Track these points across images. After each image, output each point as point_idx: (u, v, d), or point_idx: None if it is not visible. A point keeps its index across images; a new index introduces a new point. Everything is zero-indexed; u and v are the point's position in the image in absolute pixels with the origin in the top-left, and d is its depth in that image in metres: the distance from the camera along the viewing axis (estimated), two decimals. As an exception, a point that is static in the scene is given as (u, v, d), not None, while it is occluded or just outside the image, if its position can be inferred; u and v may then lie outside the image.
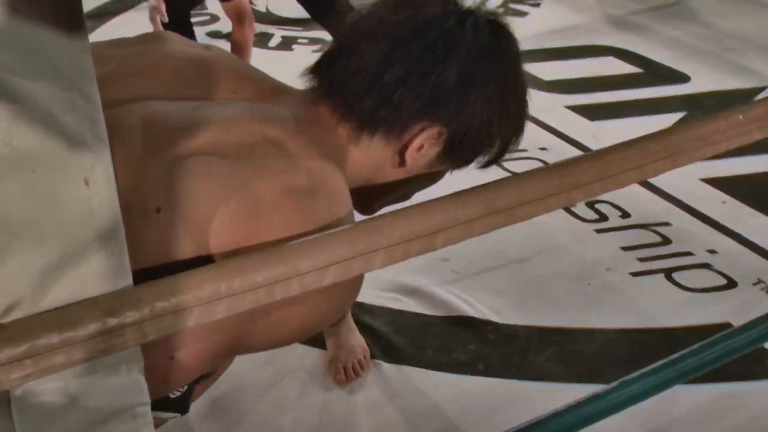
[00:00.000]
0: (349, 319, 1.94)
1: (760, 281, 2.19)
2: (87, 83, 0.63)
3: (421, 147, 1.09)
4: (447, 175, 1.23)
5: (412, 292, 2.15)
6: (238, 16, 3.15)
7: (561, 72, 3.53)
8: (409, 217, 0.77)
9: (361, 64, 1.06)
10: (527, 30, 4.01)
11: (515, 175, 0.85)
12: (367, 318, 2.04)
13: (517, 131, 1.16)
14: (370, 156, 1.10)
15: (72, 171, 0.65)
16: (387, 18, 1.09)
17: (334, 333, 1.91)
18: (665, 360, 1.30)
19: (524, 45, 1.17)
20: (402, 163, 1.10)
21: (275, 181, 0.93)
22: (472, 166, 1.19)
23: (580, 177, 0.84)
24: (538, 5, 4.31)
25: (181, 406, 1.10)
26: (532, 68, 3.53)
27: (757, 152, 2.83)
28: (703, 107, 3.22)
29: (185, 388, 1.08)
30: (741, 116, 0.95)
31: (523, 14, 4.21)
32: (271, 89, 1.14)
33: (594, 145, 2.91)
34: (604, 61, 3.66)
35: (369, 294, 2.13)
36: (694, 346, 1.32)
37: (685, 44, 3.82)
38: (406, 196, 1.22)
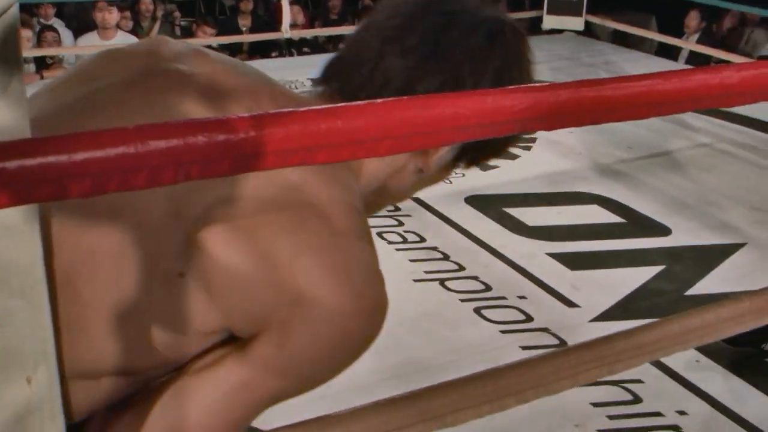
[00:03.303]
0: None
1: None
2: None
3: (441, 152, 1.04)
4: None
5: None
6: None
7: (545, 218, 3.60)
8: (337, 422, 0.80)
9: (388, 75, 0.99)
10: (516, 174, 4.12)
11: (446, 382, 0.88)
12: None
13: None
14: (389, 164, 1.05)
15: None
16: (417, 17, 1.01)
17: None
18: None
19: (513, 188, 1.18)
20: (422, 169, 1.06)
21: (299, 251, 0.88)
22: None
23: (514, 383, 0.87)
24: (529, 149, 4.43)
25: None
26: (516, 213, 3.62)
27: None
28: (682, 261, 3.28)
29: None
30: (677, 326, 0.99)
31: (515, 157, 4.32)
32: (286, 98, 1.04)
33: (573, 296, 2.95)
34: (588, 209, 3.74)
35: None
36: None
37: (669, 196, 3.91)
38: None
